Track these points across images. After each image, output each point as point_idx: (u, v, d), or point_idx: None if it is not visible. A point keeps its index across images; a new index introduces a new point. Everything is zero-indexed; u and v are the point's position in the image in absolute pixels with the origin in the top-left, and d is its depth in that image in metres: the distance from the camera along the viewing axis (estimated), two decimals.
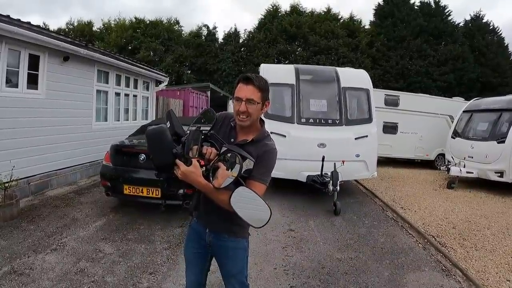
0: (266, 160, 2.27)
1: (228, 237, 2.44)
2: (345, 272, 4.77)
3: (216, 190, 2.03)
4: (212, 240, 2.46)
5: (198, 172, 2.02)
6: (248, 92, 2.22)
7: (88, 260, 4.64)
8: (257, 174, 2.20)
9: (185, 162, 2.03)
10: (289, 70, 8.84)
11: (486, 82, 32.08)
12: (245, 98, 2.21)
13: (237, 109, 2.24)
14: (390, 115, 14.53)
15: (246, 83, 2.24)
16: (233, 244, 2.47)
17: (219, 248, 2.48)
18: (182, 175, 2.02)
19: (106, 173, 6.50)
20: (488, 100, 12.53)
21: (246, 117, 2.24)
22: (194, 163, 2.02)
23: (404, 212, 7.93)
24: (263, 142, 2.33)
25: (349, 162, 7.80)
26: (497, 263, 5.41)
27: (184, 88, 19.26)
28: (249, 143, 2.28)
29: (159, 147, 2.06)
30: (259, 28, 35.17)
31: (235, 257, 2.50)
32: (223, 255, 2.50)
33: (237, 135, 2.38)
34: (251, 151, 2.19)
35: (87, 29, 37.97)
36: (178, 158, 2.03)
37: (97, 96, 9.91)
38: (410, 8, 34.17)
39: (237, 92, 2.26)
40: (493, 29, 35.65)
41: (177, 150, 2.04)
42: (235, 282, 2.52)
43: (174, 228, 6.00)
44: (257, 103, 2.24)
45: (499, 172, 10.38)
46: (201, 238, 2.50)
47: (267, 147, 2.31)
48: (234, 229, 2.42)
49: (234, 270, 2.51)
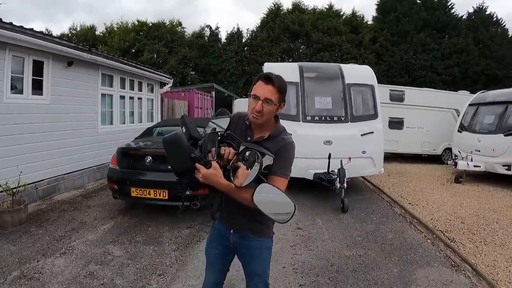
0: (285, 154, 2.28)
1: (253, 237, 2.45)
2: (354, 270, 4.77)
3: (238, 189, 2.04)
4: (236, 240, 2.46)
5: (219, 174, 2.03)
6: (267, 92, 2.21)
7: (97, 263, 4.66)
8: (277, 168, 2.21)
9: (205, 165, 2.04)
10: (293, 68, 8.82)
11: (491, 74, 31.83)
12: (263, 97, 2.20)
13: (252, 107, 2.24)
14: (396, 110, 14.49)
15: (266, 82, 2.24)
16: (258, 244, 2.49)
17: (243, 248, 2.49)
18: (203, 178, 2.03)
19: (113, 176, 6.53)
20: (494, 93, 12.45)
21: (260, 116, 2.24)
22: (214, 165, 2.03)
23: (412, 208, 7.90)
24: (280, 137, 2.34)
25: (355, 158, 7.80)
26: (506, 257, 5.38)
27: (189, 89, 19.29)
28: (266, 140, 2.30)
29: (177, 153, 2.09)
30: (262, 27, 35.14)
31: (260, 256, 2.52)
32: (248, 254, 2.51)
33: (253, 133, 2.39)
34: (269, 147, 2.21)
35: (90, 33, 38.13)
36: (197, 162, 2.05)
37: (102, 100, 9.95)
38: (413, 2, 33.97)
39: (255, 89, 2.26)
40: (497, 20, 35.32)
41: (195, 154, 2.07)
42: (259, 281, 2.55)
43: (182, 229, 6.02)
44: (274, 104, 2.24)
45: (506, 165, 10.32)
46: (225, 239, 2.51)
47: (285, 141, 2.32)
48: (259, 228, 2.45)
49: (259, 270, 2.54)
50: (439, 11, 33.11)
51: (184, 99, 17.91)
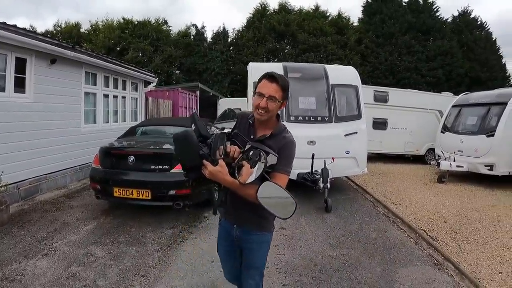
0: (286, 152, 2.41)
1: (254, 231, 2.59)
2: (337, 269, 4.80)
3: (242, 186, 2.17)
4: (238, 234, 2.60)
5: (225, 171, 2.17)
6: (271, 90, 2.35)
7: (79, 264, 4.62)
8: (280, 165, 2.34)
9: (212, 162, 2.17)
10: (277, 68, 8.74)
11: (475, 76, 32.21)
12: (267, 95, 2.34)
13: (257, 104, 2.36)
14: (380, 111, 14.66)
15: (271, 80, 2.38)
16: (258, 238, 2.62)
17: (244, 242, 2.61)
18: (210, 174, 2.17)
19: (96, 176, 6.50)
20: (477, 95, 12.68)
21: (265, 112, 2.36)
22: (221, 162, 2.17)
23: (395, 207, 8.00)
24: (281, 135, 2.48)
25: (339, 159, 7.84)
26: (489, 256, 5.47)
27: (173, 89, 19.16)
28: (269, 138, 2.43)
29: (187, 150, 2.21)
30: (248, 27, 34.99)
31: (260, 250, 2.65)
32: (248, 248, 2.63)
33: (256, 131, 2.52)
34: (271, 145, 2.35)
35: (74, 30, 37.39)
36: (205, 159, 2.18)
37: (85, 98, 9.86)
38: (398, 4, 34.16)
39: (260, 87, 2.40)
40: (481, 24, 35.80)
41: (204, 151, 2.20)
42: (256, 273, 2.69)
43: (165, 230, 6.00)
44: (278, 101, 2.37)
45: (489, 166, 10.51)
46: (229, 235, 2.67)
47: (286, 139, 2.46)
48: (260, 223, 2.57)
49: (257, 263, 2.68)
50: (424, 14, 33.37)
51: (168, 98, 17.81)
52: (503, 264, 5.22)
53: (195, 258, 4.93)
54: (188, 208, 6.49)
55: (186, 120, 10.27)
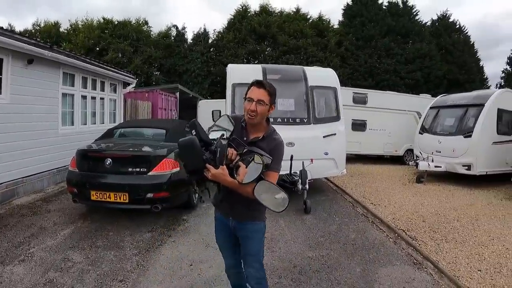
0: (277, 152, 2.74)
1: (248, 222, 2.90)
2: (316, 270, 4.80)
3: (241, 185, 2.44)
4: (235, 225, 2.91)
5: (226, 173, 2.46)
6: (260, 95, 2.67)
7: (56, 270, 4.53)
8: (272, 164, 2.61)
9: (215, 166, 2.44)
10: (257, 70, 8.80)
11: (453, 79, 32.76)
12: (256, 99, 2.66)
13: (248, 108, 2.68)
14: (359, 112, 14.83)
15: (258, 86, 2.71)
16: (253, 227, 2.92)
17: (240, 231, 2.92)
18: (212, 177, 2.47)
19: (72, 179, 6.39)
20: (455, 96, 12.91)
21: (255, 115, 2.67)
22: (222, 166, 2.44)
23: (374, 208, 8.06)
24: (272, 137, 2.81)
25: (318, 160, 7.86)
26: (467, 254, 5.56)
27: (153, 90, 18.94)
28: (261, 140, 2.76)
29: (192, 155, 2.47)
30: (229, 28, 34.85)
31: (254, 238, 2.94)
32: (244, 236, 2.93)
33: (248, 134, 2.81)
34: (263, 146, 2.68)
35: (54, 30, 36.42)
36: (208, 163, 2.45)
37: (63, 100, 9.67)
38: (378, 8, 34.50)
39: (249, 93, 2.72)
40: (460, 28, 36.49)
41: (207, 156, 2.46)
42: (253, 261, 2.94)
43: (144, 233, 5.93)
44: (266, 104, 2.69)
45: (466, 165, 10.72)
46: (225, 226, 2.97)
47: (276, 141, 2.80)
48: (254, 214, 2.88)
49: (253, 251, 2.94)
50: (403, 18, 33.77)
51: (148, 100, 17.60)
52: (482, 261, 5.30)
53: (173, 262, 4.88)
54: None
55: (165, 122, 10.29)
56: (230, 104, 8.04)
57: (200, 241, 5.66)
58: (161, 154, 6.34)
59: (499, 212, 8.19)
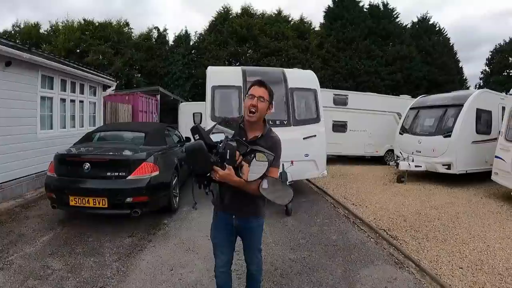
0: (275, 149, 2.91)
1: (252, 218, 3.14)
2: (298, 272, 4.79)
3: (247, 183, 2.63)
4: (238, 223, 3.10)
5: (233, 173, 2.59)
6: (261, 92, 2.89)
7: (36, 278, 4.43)
8: (273, 161, 2.74)
9: (222, 168, 2.55)
10: (237, 72, 8.73)
11: (433, 80, 33.25)
12: (257, 95, 2.86)
13: (249, 104, 2.86)
14: (339, 114, 14.96)
15: (259, 85, 2.92)
16: (257, 222, 3.21)
17: (245, 228, 3.16)
18: (220, 178, 2.59)
19: (51, 184, 6.24)
20: (434, 97, 13.09)
21: (255, 111, 2.85)
22: (228, 167, 2.56)
23: (355, 208, 8.09)
24: (269, 135, 3.02)
25: (298, 162, 7.82)
26: (449, 252, 5.62)
27: (133, 93, 18.76)
28: (260, 138, 2.94)
29: (199, 159, 2.56)
30: (210, 31, 34.81)
31: (257, 232, 3.27)
32: (249, 232, 3.20)
33: (246, 134, 2.97)
34: (262, 145, 2.82)
35: (34, 31, 35.82)
36: (215, 165, 2.55)
37: (41, 103, 9.46)
38: (359, 10, 34.84)
39: (251, 91, 2.91)
40: (439, 30, 37.28)
41: (213, 159, 2.55)
42: (256, 251, 3.34)
43: (124, 239, 5.82)
44: (266, 101, 2.90)
45: (446, 165, 10.87)
46: (228, 224, 3.12)
47: (274, 139, 3.01)
48: (256, 210, 3.13)
49: (258, 243, 3.33)
50: (384, 20, 34.22)
51: (128, 103, 17.43)
52: (463, 259, 5.36)
53: (154, 267, 4.81)
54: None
55: (144, 126, 10.18)
56: (210, 107, 7.98)
57: (180, 246, 5.60)
58: (140, 158, 6.25)
59: (479, 210, 8.31)
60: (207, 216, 6.48)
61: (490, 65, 39.76)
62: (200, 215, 6.90)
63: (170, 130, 9.41)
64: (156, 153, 6.64)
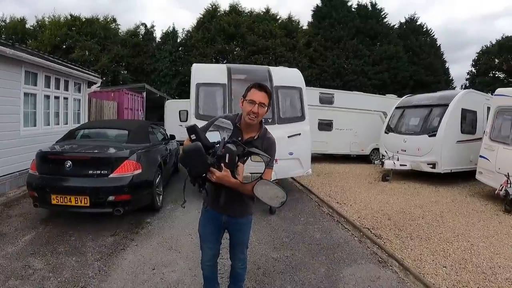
0: (271, 150, 2.95)
1: (241, 217, 3.19)
2: (281, 271, 4.76)
3: (242, 184, 2.65)
4: (227, 220, 3.14)
5: (229, 175, 2.59)
6: (261, 97, 2.85)
7: (17, 278, 4.35)
8: (267, 162, 2.74)
9: (219, 169, 2.57)
10: (221, 69, 8.69)
11: (419, 80, 33.68)
12: (258, 102, 2.82)
13: (249, 110, 2.83)
14: (325, 112, 14.99)
15: (259, 89, 2.87)
16: (246, 220, 3.26)
17: (234, 225, 3.20)
18: (217, 179, 2.59)
19: (33, 183, 6.11)
20: (420, 97, 13.20)
21: (256, 117, 2.85)
22: (225, 169, 2.57)
23: (340, 207, 8.10)
24: (266, 136, 3.03)
25: (282, 160, 7.76)
26: (432, 251, 5.64)
27: (119, 89, 18.61)
28: (256, 139, 2.95)
29: (197, 160, 2.55)
30: (198, 28, 34.70)
31: (246, 229, 3.33)
32: (237, 229, 3.24)
33: (242, 134, 2.96)
34: (258, 145, 2.86)
35: (19, 26, 35.18)
36: (212, 167, 2.57)
37: (24, 100, 9.29)
38: (348, 10, 35.09)
39: (251, 95, 2.86)
40: (427, 30, 37.88)
41: (211, 160, 2.57)
42: (244, 248, 3.40)
43: (106, 237, 5.75)
44: (266, 106, 2.89)
45: (431, 164, 10.97)
46: (216, 220, 3.16)
47: (270, 140, 3.02)
48: (246, 209, 3.19)
49: (245, 240, 3.38)
50: (372, 20, 34.52)
51: (113, 100, 17.29)
52: (447, 258, 5.39)
53: (136, 266, 4.76)
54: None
55: (128, 123, 10.07)
56: (194, 104, 7.93)
57: (163, 244, 5.55)
58: (123, 156, 6.16)
59: (464, 208, 8.39)
60: (191, 214, 6.51)
61: (476, 66, 40.30)
62: (183, 213, 6.88)
63: (154, 127, 9.34)
64: (139, 151, 6.56)
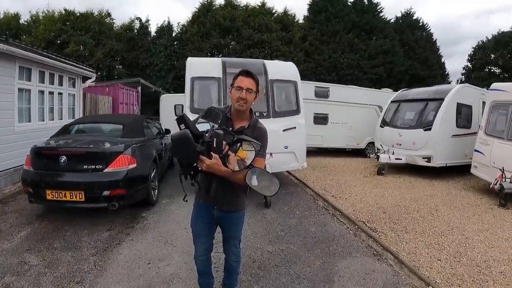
0: (262, 139, 2.91)
1: (234, 211, 3.20)
2: (276, 265, 4.78)
3: (233, 173, 2.64)
4: (219, 213, 3.14)
5: (219, 163, 2.57)
6: (248, 83, 2.87)
7: (13, 274, 4.35)
8: (259, 151, 2.74)
9: (208, 157, 2.54)
10: (216, 63, 8.66)
11: (415, 74, 33.66)
12: (245, 88, 2.85)
13: (237, 96, 2.86)
14: (321, 106, 15.01)
15: (246, 76, 2.90)
16: (237, 215, 3.27)
17: (226, 219, 3.22)
18: (207, 167, 2.59)
19: (27, 179, 6.10)
20: (415, 91, 13.23)
21: (244, 103, 2.87)
22: (215, 156, 2.54)
23: (335, 200, 8.13)
24: (256, 126, 3.02)
25: (277, 154, 7.75)
26: (427, 244, 5.68)
27: (114, 84, 18.52)
28: (246, 128, 2.96)
29: (186, 149, 2.54)
30: (193, 22, 34.43)
31: (238, 224, 3.34)
32: (230, 223, 3.27)
33: (233, 124, 2.99)
34: (248, 135, 2.84)
35: (13, 21, 34.74)
36: (201, 155, 2.55)
37: (19, 95, 9.24)
38: (343, 4, 34.89)
39: (238, 82, 2.89)
40: (423, 25, 37.83)
41: (200, 148, 2.55)
42: (236, 241, 3.41)
43: (102, 232, 5.75)
44: (254, 92, 2.91)
45: (426, 158, 11.02)
46: (209, 214, 3.15)
47: (261, 130, 3.01)
48: (238, 204, 3.20)
49: (238, 234, 3.41)
50: (368, 14, 34.36)
51: (108, 94, 17.20)
52: (441, 251, 5.42)
53: (131, 261, 4.77)
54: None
55: (122, 118, 10.05)
56: (189, 98, 7.91)
57: (159, 239, 5.55)
58: (117, 151, 6.15)
59: (458, 202, 8.43)
60: (186, 208, 6.51)
61: (472, 61, 40.23)
62: (178, 207, 6.91)
63: (149, 122, 9.33)
64: (133, 145, 6.55)
